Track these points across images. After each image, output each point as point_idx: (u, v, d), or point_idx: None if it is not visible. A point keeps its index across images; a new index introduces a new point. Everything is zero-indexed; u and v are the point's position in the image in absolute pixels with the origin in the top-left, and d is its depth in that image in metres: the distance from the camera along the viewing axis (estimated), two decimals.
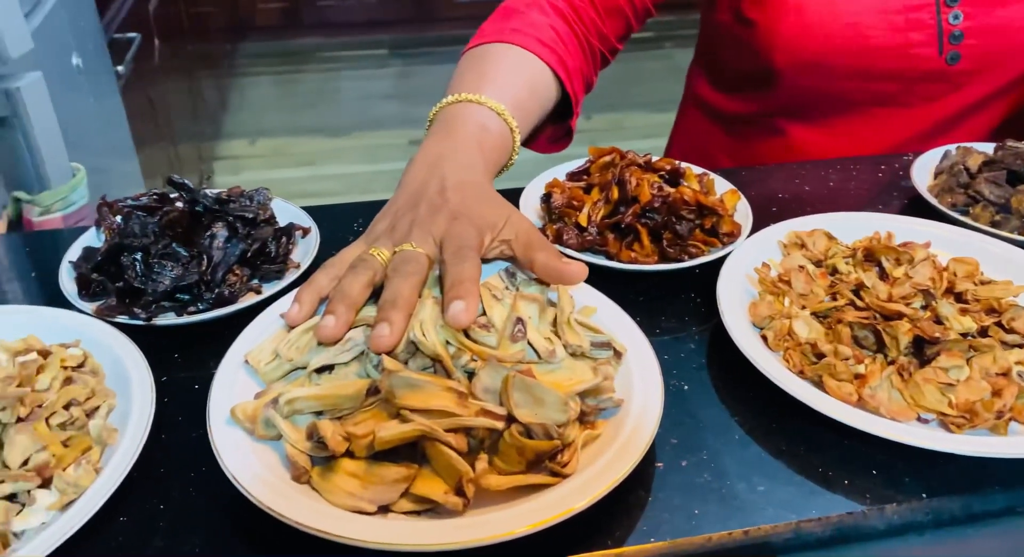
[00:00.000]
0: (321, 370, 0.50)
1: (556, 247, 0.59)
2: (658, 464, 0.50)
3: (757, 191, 0.77)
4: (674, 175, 0.72)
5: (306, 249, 0.67)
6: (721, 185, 0.74)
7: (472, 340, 0.50)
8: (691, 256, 0.66)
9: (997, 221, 0.73)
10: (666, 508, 0.47)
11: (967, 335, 0.56)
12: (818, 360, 0.55)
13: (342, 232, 0.71)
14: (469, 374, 0.48)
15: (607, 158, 0.74)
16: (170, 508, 0.47)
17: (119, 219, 0.66)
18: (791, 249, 0.67)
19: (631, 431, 0.47)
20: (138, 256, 0.61)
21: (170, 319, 0.59)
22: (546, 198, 0.72)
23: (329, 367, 0.50)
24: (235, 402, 0.48)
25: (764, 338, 0.58)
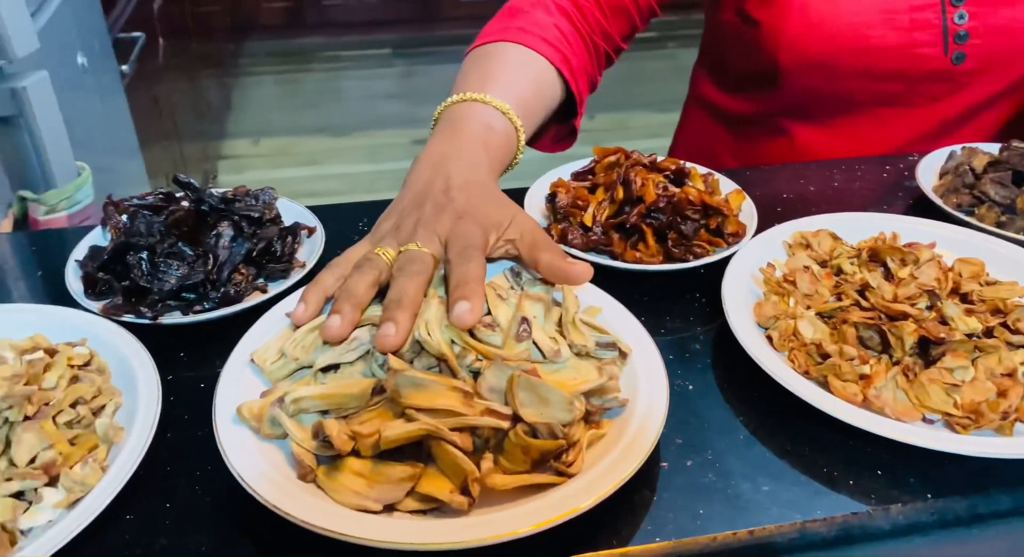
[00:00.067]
0: (326, 369, 0.50)
1: (561, 247, 0.59)
2: (663, 464, 0.50)
3: (762, 191, 0.77)
4: (679, 175, 0.72)
5: (311, 248, 0.67)
6: (726, 185, 0.74)
7: (477, 340, 0.50)
8: (696, 256, 0.66)
9: (1002, 222, 0.73)
10: (671, 508, 0.48)
11: (972, 336, 0.56)
12: (823, 360, 0.55)
13: (347, 231, 0.71)
14: (474, 373, 0.49)
15: (612, 158, 0.74)
16: (176, 506, 0.47)
17: (125, 218, 0.66)
18: (796, 249, 0.67)
19: (636, 431, 0.47)
20: (144, 255, 0.61)
21: (176, 318, 0.59)
22: (551, 198, 0.72)
23: (334, 366, 0.50)
24: (241, 401, 0.48)
25: (769, 338, 0.58)
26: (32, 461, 0.46)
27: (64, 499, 0.45)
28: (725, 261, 0.64)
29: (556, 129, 0.84)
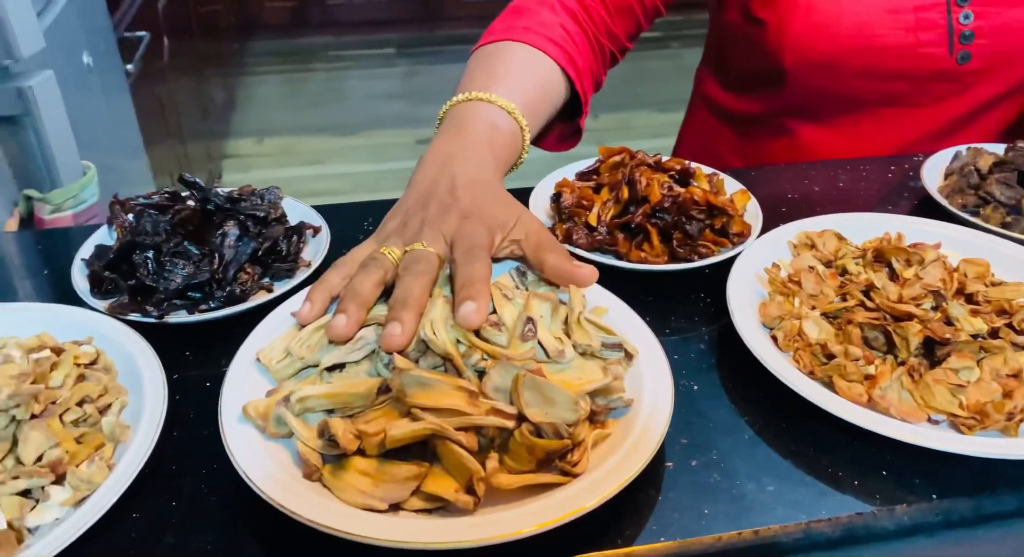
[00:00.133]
0: (332, 368, 0.50)
1: (566, 247, 0.59)
2: (668, 464, 0.50)
3: (766, 191, 0.77)
4: (684, 175, 0.72)
5: (317, 248, 0.67)
6: (731, 185, 0.74)
7: (483, 339, 0.50)
8: (701, 256, 0.66)
9: (1008, 222, 0.73)
10: (676, 508, 0.48)
11: (978, 336, 0.56)
12: (828, 361, 0.55)
13: (352, 231, 0.71)
14: (480, 373, 0.49)
15: (617, 158, 0.74)
16: (182, 505, 0.47)
17: (131, 217, 0.66)
18: (801, 250, 0.67)
19: (641, 431, 0.47)
20: (150, 254, 0.61)
21: (182, 317, 0.60)
22: (556, 198, 0.72)
23: (340, 365, 0.50)
24: (247, 400, 0.48)
25: (774, 338, 0.58)
26: (39, 459, 0.47)
27: (71, 497, 0.45)
28: (730, 261, 0.64)
29: (561, 128, 0.84)
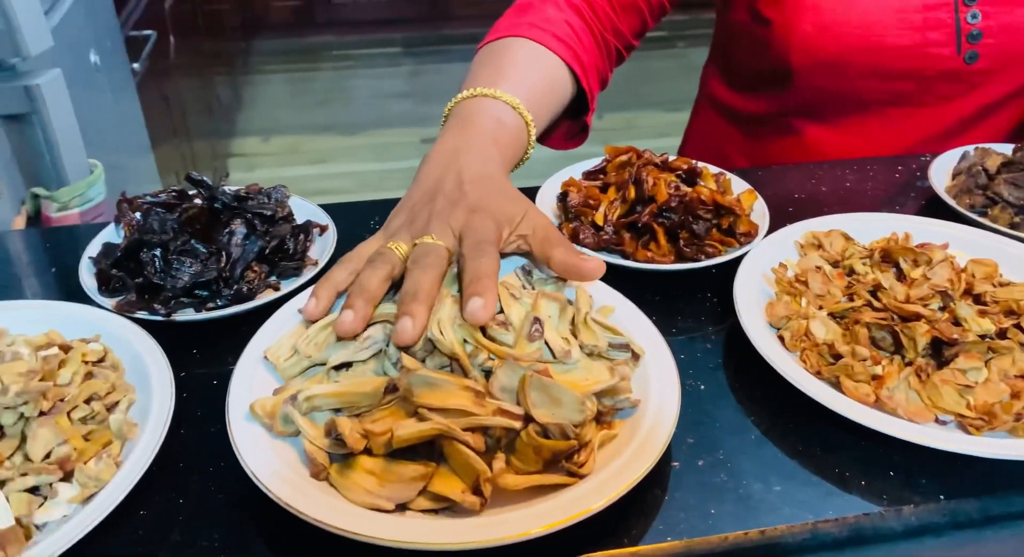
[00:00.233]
0: (339, 367, 0.50)
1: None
2: (674, 464, 0.50)
3: (773, 191, 0.77)
4: (691, 175, 0.72)
5: (323, 246, 0.67)
6: (738, 185, 0.74)
7: (489, 339, 0.50)
8: (708, 256, 0.66)
9: (1016, 223, 0.72)
10: (682, 507, 0.48)
11: (985, 337, 0.56)
12: (835, 361, 0.55)
13: (359, 230, 0.71)
14: (486, 373, 0.49)
15: (624, 157, 0.74)
16: (189, 502, 0.48)
17: (139, 215, 0.66)
18: (808, 249, 0.67)
19: (648, 431, 0.47)
20: (157, 252, 0.61)
21: (189, 315, 0.60)
22: (562, 197, 0.72)
23: (347, 364, 0.50)
24: (254, 398, 0.49)
25: (781, 338, 0.58)
26: (47, 456, 0.47)
27: (79, 494, 0.46)
28: (737, 261, 0.64)
29: (568, 125, 0.84)
